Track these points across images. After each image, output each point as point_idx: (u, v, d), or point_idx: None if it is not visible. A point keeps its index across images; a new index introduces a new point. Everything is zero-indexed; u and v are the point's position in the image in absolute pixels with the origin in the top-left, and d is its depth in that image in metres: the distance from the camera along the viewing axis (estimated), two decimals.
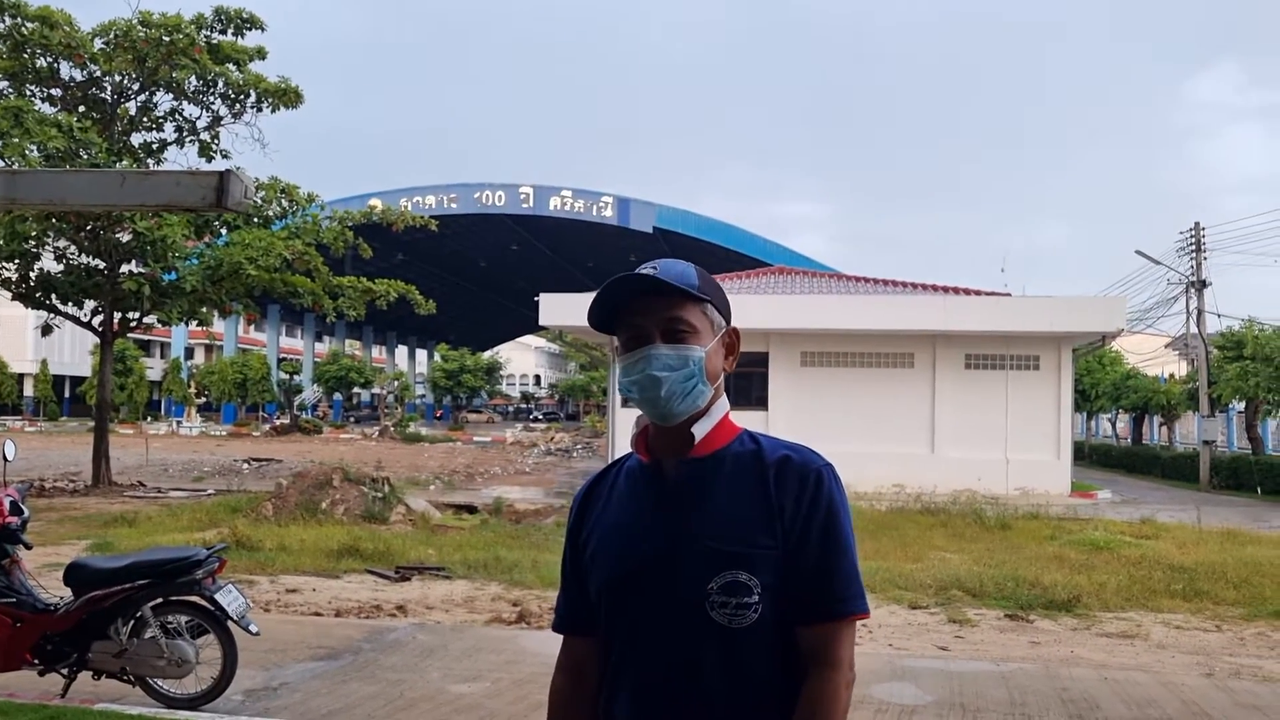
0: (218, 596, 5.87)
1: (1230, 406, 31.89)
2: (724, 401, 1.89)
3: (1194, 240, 31.01)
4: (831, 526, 1.78)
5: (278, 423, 53.33)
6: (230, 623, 5.89)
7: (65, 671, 5.90)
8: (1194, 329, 31.04)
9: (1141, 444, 39.20)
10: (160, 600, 5.92)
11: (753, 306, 22.90)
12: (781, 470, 1.80)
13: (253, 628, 5.99)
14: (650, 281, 1.80)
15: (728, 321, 1.89)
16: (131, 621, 5.86)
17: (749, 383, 24.25)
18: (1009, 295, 27.81)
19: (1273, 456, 28.31)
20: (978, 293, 26.48)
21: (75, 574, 5.95)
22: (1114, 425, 47.05)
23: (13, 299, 20.54)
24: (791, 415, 22.91)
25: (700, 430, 1.82)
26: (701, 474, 1.82)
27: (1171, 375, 41.00)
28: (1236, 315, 41.05)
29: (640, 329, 1.82)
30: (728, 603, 1.74)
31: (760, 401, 24.18)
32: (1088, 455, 39.28)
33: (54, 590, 6.33)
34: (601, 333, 1.88)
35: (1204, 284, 30.77)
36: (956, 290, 26.55)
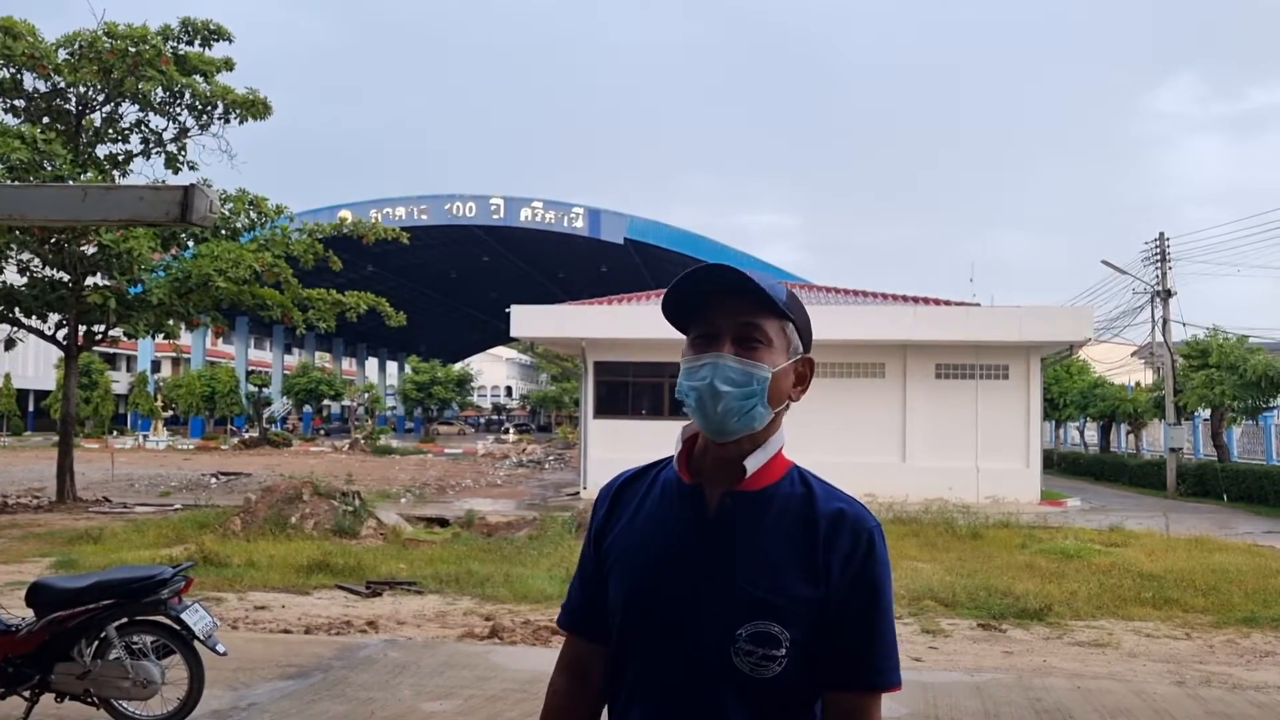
0: (184, 616, 5.77)
1: (1196, 414, 32.18)
2: (781, 435, 1.77)
3: (1159, 250, 31.38)
4: (876, 594, 1.68)
5: (246, 436, 52.84)
6: (197, 642, 5.79)
7: (27, 694, 5.77)
8: (1160, 338, 31.40)
9: (1109, 452, 39.54)
10: (125, 620, 5.81)
11: None
12: (834, 526, 1.68)
13: (220, 647, 5.89)
14: (736, 276, 1.67)
15: (807, 348, 1.79)
16: (95, 642, 5.76)
17: None
18: (978, 305, 28.01)
19: (1238, 464, 28.62)
20: (947, 303, 26.65)
21: (38, 594, 5.83)
22: (1082, 433, 47.43)
23: None
24: None
25: (753, 464, 1.71)
26: (746, 511, 1.71)
27: (1138, 384, 41.40)
28: (1201, 324, 41.66)
29: (714, 328, 1.70)
30: (754, 652, 1.65)
31: None
32: (1057, 463, 39.59)
33: (16, 610, 6.21)
34: (674, 326, 1.75)
35: (1169, 293, 31.13)
36: (926, 300, 26.72)
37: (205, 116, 20.67)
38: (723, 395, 1.65)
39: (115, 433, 55.82)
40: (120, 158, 20.68)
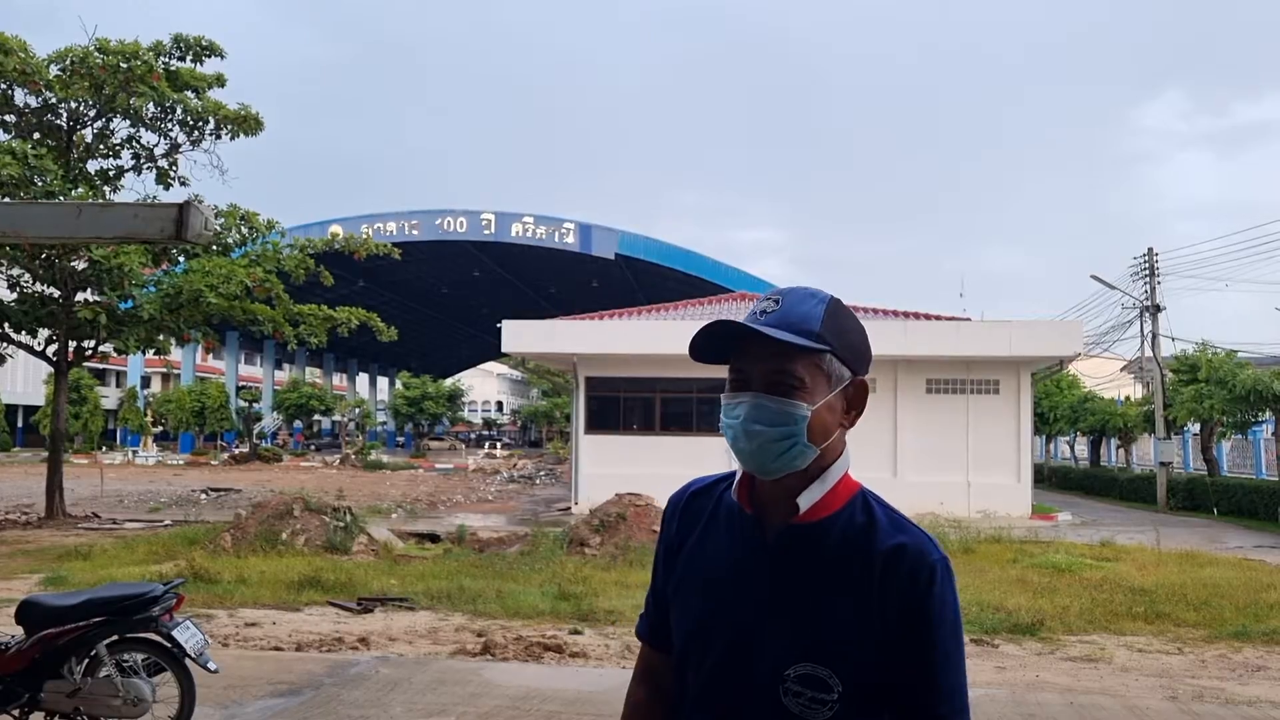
0: (175, 633, 5.74)
1: (1186, 428, 32.29)
2: (842, 462, 1.70)
3: (1147, 265, 31.51)
4: (932, 630, 1.60)
5: (237, 451, 52.65)
6: (188, 660, 5.76)
7: (16, 713, 5.74)
8: (1149, 352, 31.50)
9: (1100, 466, 39.59)
10: (116, 638, 5.78)
11: None
12: (891, 563, 1.60)
13: (211, 665, 5.86)
14: (747, 332, 1.60)
15: (856, 371, 1.70)
16: (86, 660, 5.72)
17: (710, 410, 24.29)
18: (968, 320, 28.09)
19: (1228, 478, 28.70)
20: (938, 318, 26.73)
21: (27, 612, 5.79)
22: (1072, 448, 47.50)
23: None
24: None
25: (806, 500, 1.64)
26: (803, 545, 1.65)
27: (1128, 398, 41.51)
28: (1190, 339, 41.77)
29: (741, 374, 1.64)
30: (802, 694, 1.59)
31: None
32: (1047, 477, 39.63)
33: (5, 628, 6.17)
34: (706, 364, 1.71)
35: (1158, 308, 31.25)
36: (917, 315, 26.79)
37: (196, 132, 20.69)
38: (757, 435, 1.60)
39: (105, 448, 55.57)
40: (111, 173, 20.68)
